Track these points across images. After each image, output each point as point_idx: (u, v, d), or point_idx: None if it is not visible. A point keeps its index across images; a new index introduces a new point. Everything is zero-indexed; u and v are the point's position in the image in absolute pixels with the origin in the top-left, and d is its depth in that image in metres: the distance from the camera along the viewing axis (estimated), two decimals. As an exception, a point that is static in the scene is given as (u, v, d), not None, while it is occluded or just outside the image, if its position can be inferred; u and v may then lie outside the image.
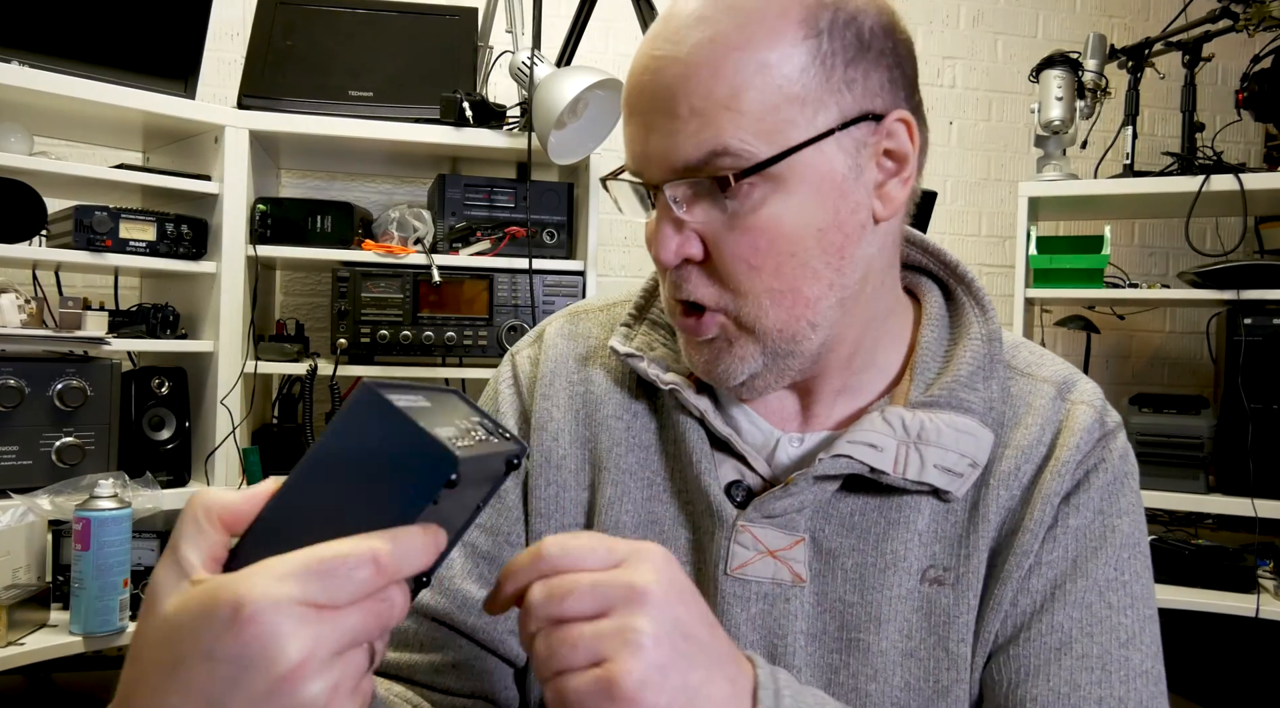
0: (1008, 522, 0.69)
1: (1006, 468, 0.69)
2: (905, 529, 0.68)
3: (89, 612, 1.37)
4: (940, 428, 0.67)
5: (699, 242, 0.64)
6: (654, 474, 0.73)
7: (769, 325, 0.65)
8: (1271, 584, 1.94)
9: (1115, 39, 2.36)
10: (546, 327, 0.82)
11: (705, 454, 0.71)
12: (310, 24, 2.00)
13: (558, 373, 0.78)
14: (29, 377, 1.57)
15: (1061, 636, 0.66)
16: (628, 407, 0.75)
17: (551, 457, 0.75)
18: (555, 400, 0.76)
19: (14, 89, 1.59)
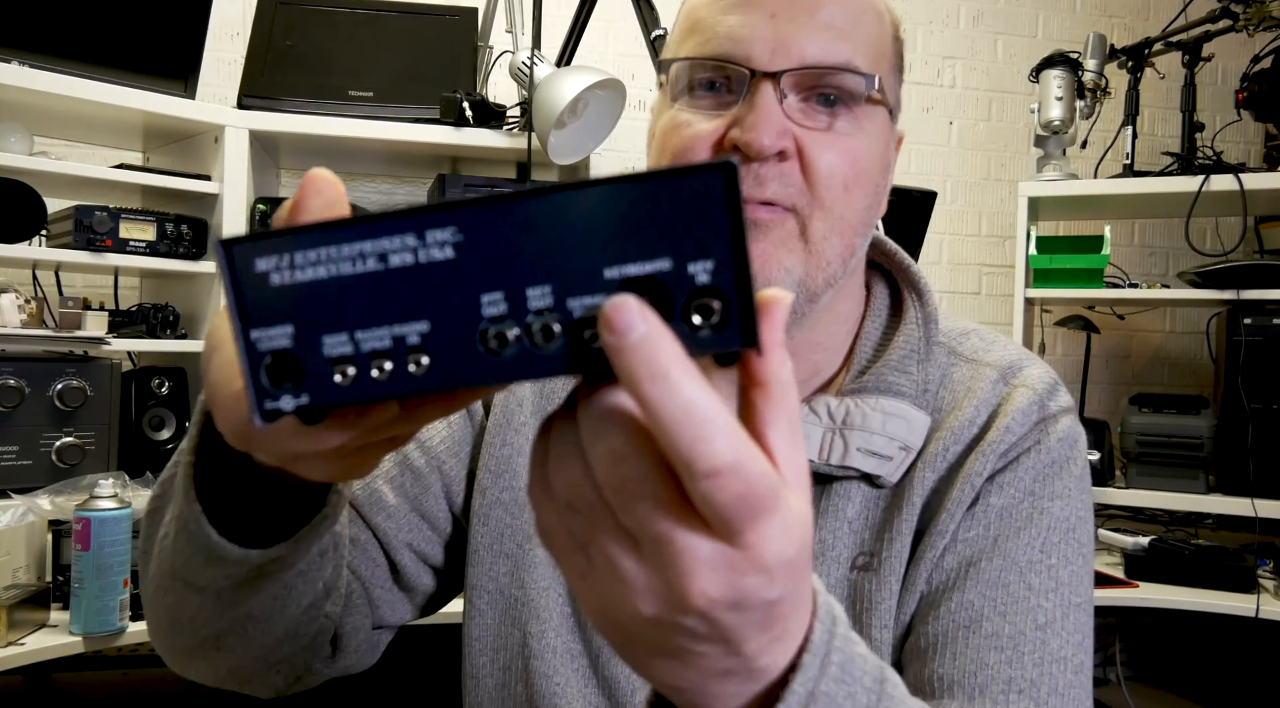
0: (931, 502, 0.68)
1: (934, 450, 0.68)
2: (835, 518, 0.68)
3: (89, 612, 1.37)
4: (866, 413, 0.67)
5: (794, 141, 0.63)
6: None
7: (824, 251, 0.65)
8: (1271, 584, 1.94)
9: (1115, 39, 2.36)
10: None
11: None
12: (310, 24, 2.00)
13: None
14: (29, 377, 1.57)
15: (972, 613, 0.64)
16: None
17: (513, 420, 0.75)
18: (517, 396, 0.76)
19: (14, 89, 1.59)
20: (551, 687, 0.70)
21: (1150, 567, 1.96)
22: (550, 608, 0.71)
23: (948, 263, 2.81)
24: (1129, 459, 2.14)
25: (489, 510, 0.74)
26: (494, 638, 0.74)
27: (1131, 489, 2.11)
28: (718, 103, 0.65)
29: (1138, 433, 2.11)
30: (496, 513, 0.74)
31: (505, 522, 0.74)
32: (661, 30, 1.86)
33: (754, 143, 0.61)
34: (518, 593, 0.72)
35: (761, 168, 0.63)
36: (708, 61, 0.65)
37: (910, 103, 2.82)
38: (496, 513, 0.74)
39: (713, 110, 0.65)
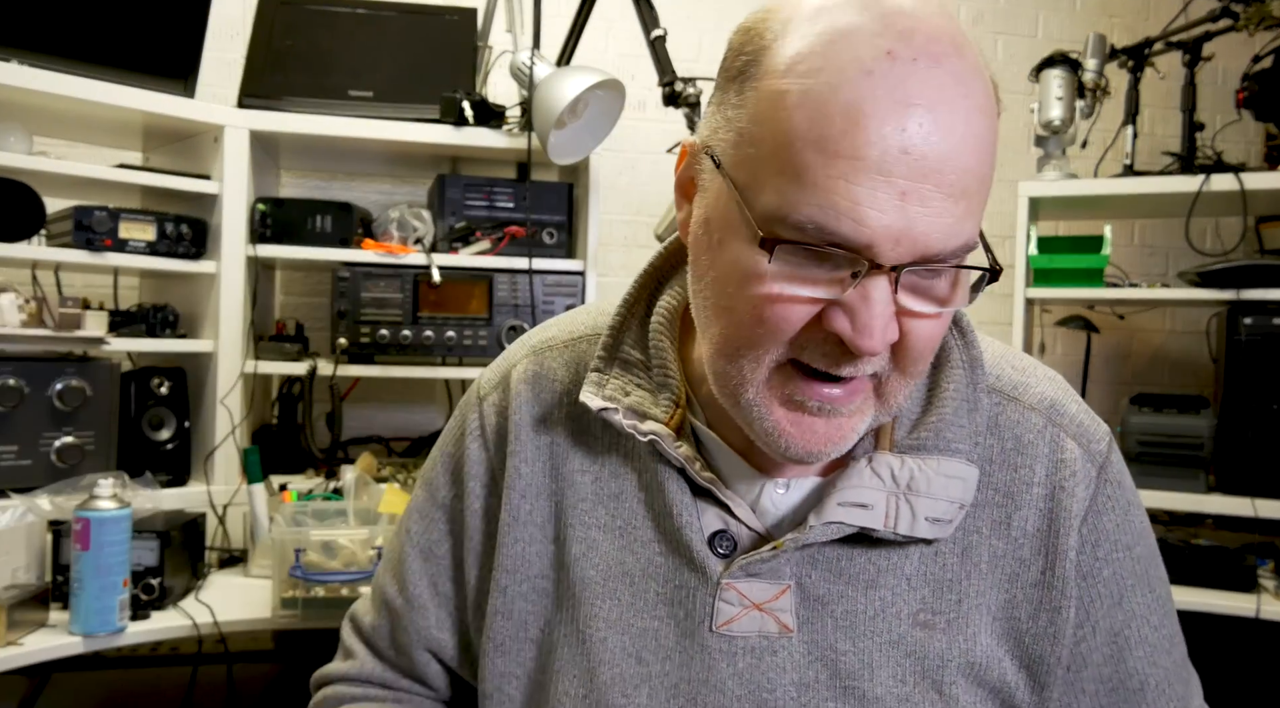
0: (1020, 575, 0.68)
1: (998, 516, 0.68)
2: (894, 575, 0.67)
3: (89, 612, 1.37)
4: (930, 477, 0.66)
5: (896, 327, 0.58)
6: (625, 524, 0.71)
7: (895, 401, 0.63)
8: (1271, 584, 1.94)
9: (1115, 39, 2.36)
10: (511, 369, 0.78)
11: (686, 505, 0.68)
12: (310, 24, 2.00)
13: (523, 425, 0.75)
14: (29, 377, 1.57)
15: (1139, 678, 0.71)
16: (596, 458, 0.73)
17: (519, 514, 0.74)
18: (523, 456, 0.75)
19: (14, 89, 1.59)
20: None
21: (1150, 567, 1.96)
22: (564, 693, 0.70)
23: (948, 263, 2.80)
24: (1129, 459, 2.13)
25: (511, 605, 0.74)
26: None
27: (1131, 489, 2.11)
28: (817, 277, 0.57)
29: (1138, 433, 2.11)
30: (519, 605, 0.74)
31: (528, 610, 0.74)
32: (661, 30, 1.86)
33: (864, 346, 0.56)
34: (540, 677, 0.73)
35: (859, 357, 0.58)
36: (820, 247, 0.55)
37: (910, 103, 2.82)
38: (519, 605, 0.74)
39: (811, 286, 0.57)
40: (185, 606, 1.54)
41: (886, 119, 0.52)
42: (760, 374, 0.60)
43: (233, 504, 1.80)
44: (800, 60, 0.55)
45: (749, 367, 0.60)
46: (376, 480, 1.77)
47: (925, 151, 0.53)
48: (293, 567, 1.48)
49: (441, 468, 0.81)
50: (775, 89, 0.56)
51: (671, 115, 1.91)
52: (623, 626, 0.69)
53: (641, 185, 2.61)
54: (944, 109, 0.53)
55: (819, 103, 0.53)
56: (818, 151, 0.53)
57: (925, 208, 0.54)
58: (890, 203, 0.53)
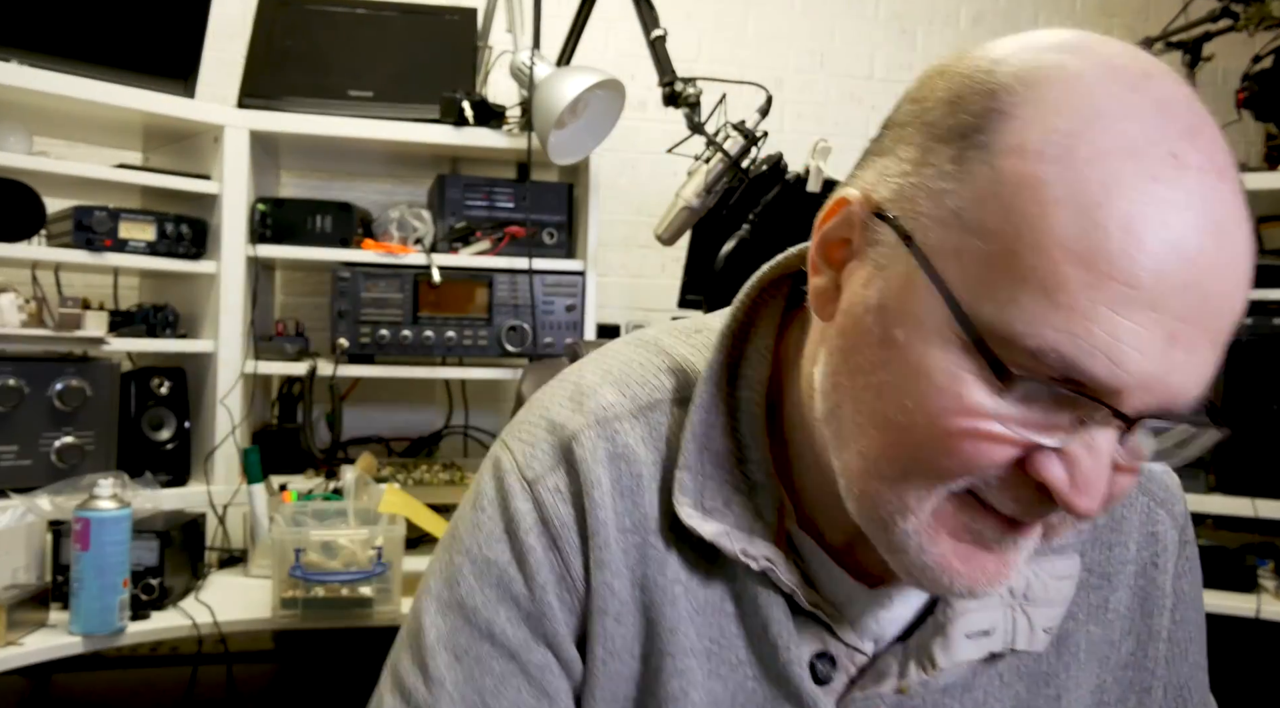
0: (1110, 658, 0.64)
1: (1095, 600, 0.63)
2: (985, 676, 0.61)
3: (89, 612, 1.37)
4: (1045, 582, 0.59)
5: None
6: (713, 642, 0.59)
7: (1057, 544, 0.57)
8: (1271, 584, 1.94)
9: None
10: (571, 444, 0.59)
11: (787, 628, 0.58)
12: (310, 24, 2.00)
13: (608, 524, 0.58)
14: (29, 377, 1.57)
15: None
16: (690, 563, 0.59)
17: (614, 644, 0.59)
18: (613, 568, 0.58)
19: (14, 89, 1.59)
20: None
21: (1150, 567, 1.96)
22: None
23: (948, 263, 2.80)
24: (1129, 459, 2.14)
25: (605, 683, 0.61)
26: None
27: (1131, 489, 2.11)
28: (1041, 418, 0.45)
29: (1138, 433, 2.11)
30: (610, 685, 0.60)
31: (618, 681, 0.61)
32: (661, 30, 1.86)
33: (1080, 508, 0.46)
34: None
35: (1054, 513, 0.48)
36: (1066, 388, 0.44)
37: (910, 103, 2.82)
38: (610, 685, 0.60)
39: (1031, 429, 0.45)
40: (185, 606, 1.54)
41: (1174, 243, 0.42)
42: (929, 504, 0.49)
43: (233, 504, 1.80)
44: (1060, 143, 0.43)
45: (915, 495, 0.49)
46: (376, 480, 1.77)
47: (1208, 289, 0.43)
48: (293, 567, 1.48)
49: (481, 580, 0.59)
50: (1025, 173, 0.43)
51: (671, 115, 1.91)
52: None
53: (641, 185, 2.61)
54: (1230, 239, 0.44)
55: (1090, 206, 0.42)
56: (1085, 268, 0.42)
57: (1190, 355, 0.44)
58: (1155, 345, 0.43)
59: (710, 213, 1.87)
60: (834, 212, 0.52)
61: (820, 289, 0.53)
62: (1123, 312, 0.42)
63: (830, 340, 0.53)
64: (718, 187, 1.83)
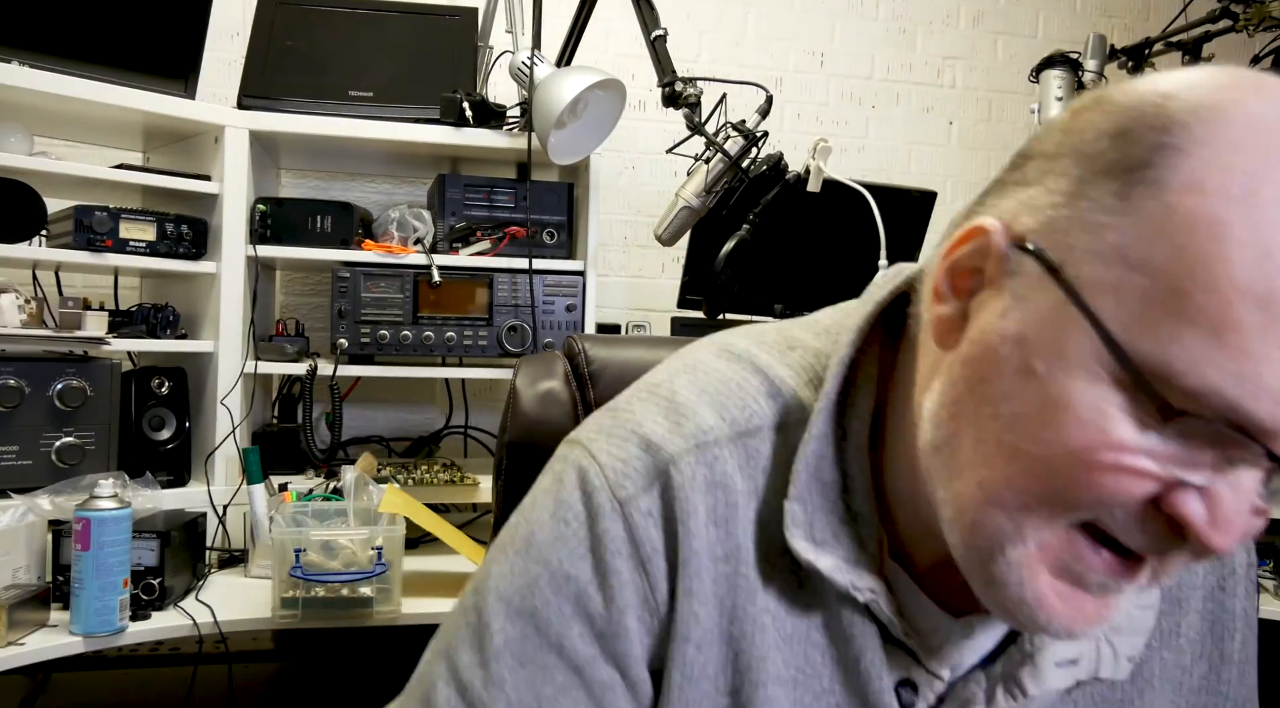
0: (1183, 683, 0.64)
1: (1167, 626, 0.63)
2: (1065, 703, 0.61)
3: (89, 612, 1.37)
4: (1131, 613, 0.59)
5: None
6: (799, 671, 0.58)
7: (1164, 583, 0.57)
8: (1271, 584, 1.94)
9: (1115, 39, 2.36)
10: (669, 468, 0.58)
11: (881, 660, 0.58)
12: (310, 24, 2.00)
13: (702, 552, 0.57)
14: (29, 377, 1.57)
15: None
16: (782, 597, 0.58)
17: (694, 671, 0.57)
18: (701, 596, 0.57)
19: (14, 89, 1.59)
20: None
21: (1150, 567, 1.96)
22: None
23: (948, 263, 2.80)
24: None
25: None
26: None
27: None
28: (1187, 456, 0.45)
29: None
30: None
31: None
32: (661, 30, 1.86)
33: (1217, 546, 0.45)
34: None
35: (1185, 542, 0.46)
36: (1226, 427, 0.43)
37: (910, 103, 2.83)
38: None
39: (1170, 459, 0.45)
40: (185, 606, 1.54)
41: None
42: (1042, 536, 0.48)
43: (233, 504, 1.80)
44: (1243, 183, 0.43)
45: (1033, 525, 0.48)
46: (376, 480, 1.77)
47: None
48: (293, 567, 1.48)
49: (555, 591, 0.57)
50: (1204, 212, 0.43)
51: (671, 115, 1.91)
52: None
53: (641, 185, 2.61)
54: None
55: (1273, 249, 0.41)
56: (1262, 311, 0.41)
57: None
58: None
59: (710, 213, 1.87)
60: (967, 239, 0.51)
61: (945, 318, 0.53)
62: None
63: (952, 370, 0.52)
64: (718, 187, 1.83)
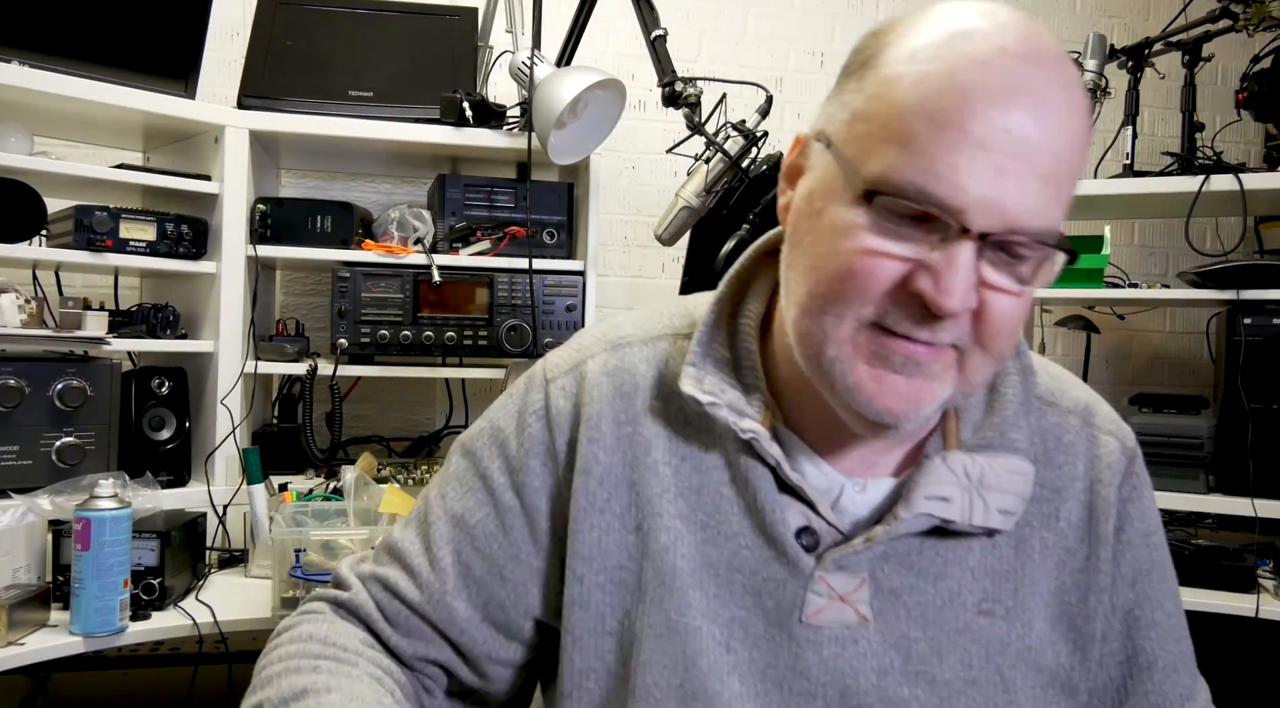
0: (1067, 563, 0.75)
1: (1047, 511, 0.75)
2: (958, 567, 0.72)
3: (89, 612, 1.37)
4: (999, 472, 0.72)
5: (976, 296, 0.62)
6: (709, 517, 0.73)
7: (975, 381, 0.67)
8: (1271, 584, 1.94)
9: (1115, 39, 2.36)
10: (587, 360, 0.79)
11: (776, 502, 0.71)
12: (310, 24, 2.00)
13: (603, 415, 0.76)
14: (29, 377, 1.57)
15: (1148, 657, 0.77)
16: (676, 451, 0.75)
17: (596, 500, 0.75)
18: (602, 443, 0.75)
19: (14, 89, 1.59)
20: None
21: (1150, 567, 1.96)
22: (653, 684, 0.71)
23: (948, 263, 2.80)
24: (1129, 459, 2.14)
25: (589, 595, 0.74)
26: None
27: (1131, 489, 2.11)
28: (909, 236, 0.61)
29: (1138, 433, 2.08)
30: (596, 596, 0.74)
31: (604, 603, 0.74)
32: (661, 30, 1.86)
33: (943, 305, 0.60)
34: (622, 669, 0.73)
35: (940, 320, 0.62)
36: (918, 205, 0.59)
37: (910, 103, 2.82)
38: (596, 596, 0.74)
39: (902, 243, 0.61)
40: (185, 606, 1.54)
41: (994, 101, 0.58)
42: (844, 332, 0.63)
43: (233, 504, 1.80)
44: (921, 51, 0.61)
45: (832, 323, 0.64)
46: (376, 481, 1.77)
47: (1025, 135, 0.58)
48: (293, 567, 1.48)
49: (489, 440, 0.80)
50: (895, 73, 0.62)
51: (671, 115, 1.91)
52: (711, 615, 0.71)
53: (641, 185, 2.61)
54: (1045, 101, 0.59)
55: (934, 83, 0.59)
56: (927, 122, 0.59)
57: (1018, 185, 0.59)
58: (987, 175, 0.58)
59: (710, 213, 1.87)
60: (793, 148, 0.71)
61: (783, 205, 0.71)
62: (958, 151, 0.58)
63: (786, 239, 0.70)
64: (718, 187, 1.83)
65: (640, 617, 0.72)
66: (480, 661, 0.79)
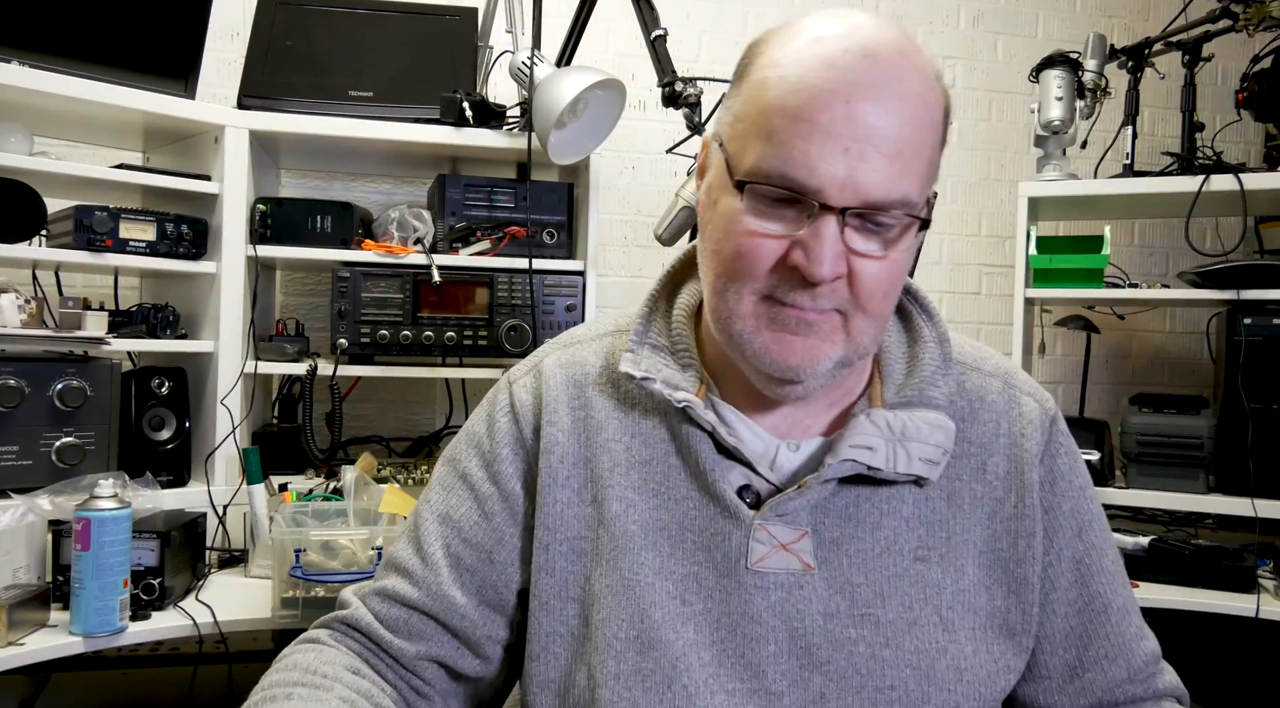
0: (997, 512, 0.82)
1: (974, 465, 0.82)
2: (893, 517, 0.79)
3: (89, 612, 1.37)
4: (919, 425, 0.79)
5: (847, 265, 0.71)
6: (659, 485, 0.81)
7: (864, 342, 0.75)
8: (1271, 584, 1.94)
9: (1115, 39, 2.36)
10: (544, 359, 0.90)
11: (717, 463, 0.80)
12: (310, 24, 2.00)
13: (560, 401, 0.85)
14: (29, 377, 1.57)
15: (1101, 600, 0.84)
16: (627, 429, 0.83)
17: (557, 477, 0.83)
18: (560, 426, 0.84)
19: (14, 89, 1.59)
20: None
21: (1150, 567, 1.96)
22: (613, 637, 0.78)
23: (948, 263, 2.81)
24: (1129, 459, 2.14)
25: (554, 563, 0.82)
26: (561, 677, 0.80)
27: (1131, 489, 2.11)
28: (783, 217, 0.71)
29: (1137, 433, 2.11)
30: (560, 564, 0.82)
31: (568, 570, 0.82)
32: (661, 30, 1.86)
33: (815, 274, 0.70)
34: (583, 630, 0.80)
35: (818, 288, 0.71)
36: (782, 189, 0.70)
37: (910, 103, 2.82)
38: (560, 564, 0.82)
39: (777, 224, 0.71)
40: (185, 606, 1.54)
41: (838, 94, 0.68)
42: (745, 306, 0.74)
43: (233, 504, 1.80)
44: (783, 58, 0.72)
45: (734, 298, 0.74)
46: (376, 481, 1.77)
47: (868, 121, 0.68)
48: (293, 567, 1.48)
49: (466, 444, 0.89)
50: (762, 78, 0.72)
51: (671, 115, 1.91)
52: (665, 572, 0.79)
53: (641, 185, 2.61)
54: (885, 91, 0.69)
55: (790, 84, 0.70)
56: (785, 118, 0.69)
57: (865, 163, 0.68)
58: (837, 157, 0.68)
59: (710, 213, 1.87)
60: (701, 150, 0.81)
61: (699, 200, 0.80)
62: (810, 140, 0.68)
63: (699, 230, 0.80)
64: (718, 187, 1.83)
65: (598, 579, 0.80)
66: (481, 643, 0.85)
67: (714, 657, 0.76)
